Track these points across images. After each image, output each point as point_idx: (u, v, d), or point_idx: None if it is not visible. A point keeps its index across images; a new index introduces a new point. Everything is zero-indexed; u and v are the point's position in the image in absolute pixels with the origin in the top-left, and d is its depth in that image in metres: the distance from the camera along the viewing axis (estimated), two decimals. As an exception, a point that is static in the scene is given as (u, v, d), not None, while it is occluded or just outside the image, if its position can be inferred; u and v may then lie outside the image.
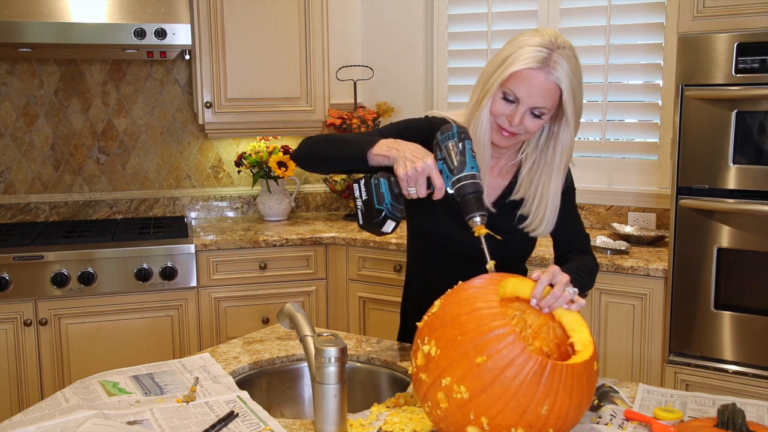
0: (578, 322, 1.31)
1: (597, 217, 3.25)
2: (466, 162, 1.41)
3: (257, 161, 3.45)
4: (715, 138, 2.41)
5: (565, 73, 1.54)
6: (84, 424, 1.35)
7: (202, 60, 3.24)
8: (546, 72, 1.53)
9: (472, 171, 1.41)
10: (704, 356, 2.51)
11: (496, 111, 1.59)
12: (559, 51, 1.53)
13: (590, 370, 1.22)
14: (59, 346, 2.91)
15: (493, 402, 1.15)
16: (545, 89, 1.54)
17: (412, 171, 1.42)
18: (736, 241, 2.42)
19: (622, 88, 3.19)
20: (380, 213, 1.46)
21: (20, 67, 3.37)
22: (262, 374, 1.72)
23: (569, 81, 1.55)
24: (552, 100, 1.56)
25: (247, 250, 3.12)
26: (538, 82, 1.54)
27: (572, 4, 3.23)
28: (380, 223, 1.47)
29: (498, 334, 1.17)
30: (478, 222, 1.41)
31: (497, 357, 1.15)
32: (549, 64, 1.53)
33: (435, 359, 1.21)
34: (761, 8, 2.33)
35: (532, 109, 1.57)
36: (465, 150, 1.42)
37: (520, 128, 1.59)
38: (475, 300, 1.24)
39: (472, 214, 1.41)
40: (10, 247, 2.89)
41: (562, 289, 1.32)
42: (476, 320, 1.20)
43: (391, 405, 1.47)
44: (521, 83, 1.54)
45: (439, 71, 3.60)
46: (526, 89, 1.54)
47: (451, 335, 1.21)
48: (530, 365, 1.15)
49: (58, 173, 3.47)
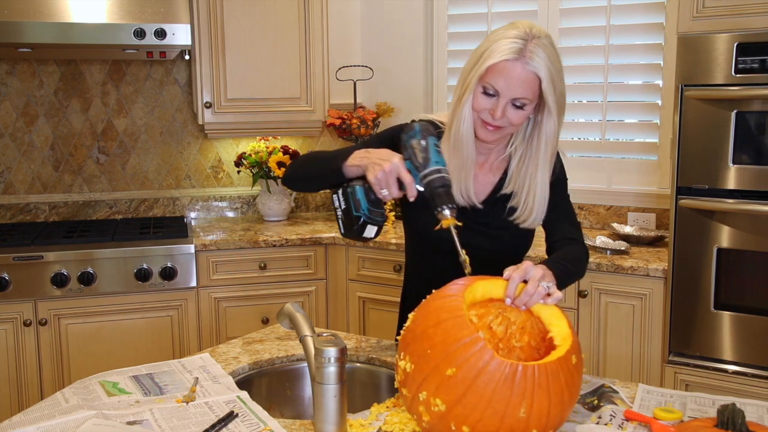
0: (556, 315, 1.31)
1: (597, 217, 3.26)
2: (430, 158, 1.44)
3: (257, 161, 3.45)
4: (715, 138, 2.41)
5: (543, 62, 1.54)
6: (84, 425, 1.35)
7: (201, 60, 3.24)
8: (523, 62, 1.54)
9: (437, 166, 1.43)
10: (704, 356, 2.51)
11: (478, 106, 1.60)
12: (534, 41, 1.54)
13: (567, 364, 1.20)
14: (59, 347, 2.91)
15: (470, 411, 1.15)
16: (523, 80, 1.55)
17: (381, 173, 1.45)
18: (736, 241, 2.42)
19: (621, 88, 3.19)
20: (359, 219, 1.49)
21: (20, 67, 3.37)
22: (261, 374, 1.72)
23: (547, 70, 1.55)
24: (532, 90, 1.57)
25: (247, 250, 3.12)
26: (516, 74, 1.54)
27: (572, 4, 3.23)
28: (360, 229, 1.50)
29: (464, 344, 1.17)
30: (447, 215, 1.42)
31: (466, 367, 1.15)
32: (525, 55, 1.53)
33: (411, 374, 1.22)
34: (761, 8, 2.33)
35: (513, 101, 1.57)
36: (428, 146, 1.45)
37: (503, 121, 1.60)
38: (440, 311, 1.24)
39: (440, 207, 1.42)
40: (10, 247, 2.89)
41: (536, 285, 1.32)
42: (443, 332, 1.20)
43: (391, 405, 1.47)
44: (499, 76, 1.55)
45: (439, 71, 3.60)
46: (505, 81, 1.55)
47: (421, 349, 1.21)
48: (500, 371, 1.14)
49: (57, 173, 3.47)
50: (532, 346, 1.31)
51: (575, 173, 3.30)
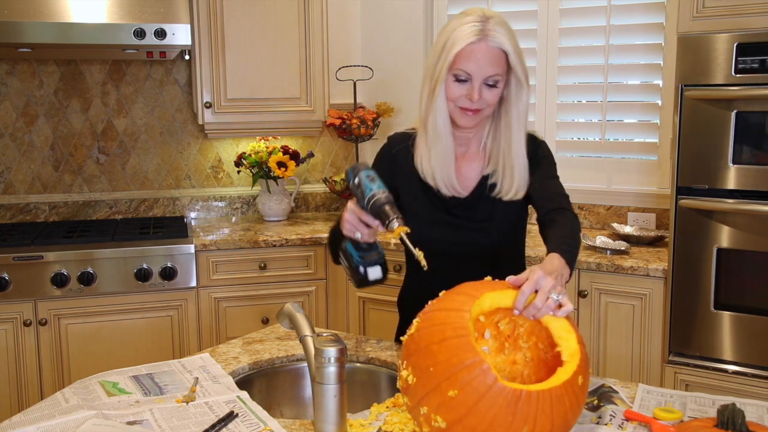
0: (565, 328, 1.26)
1: (597, 217, 3.26)
2: (365, 189, 1.52)
3: (257, 161, 3.45)
4: (715, 138, 2.41)
5: (504, 37, 1.61)
6: (84, 425, 1.35)
7: (201, 60, 3.24)
8: (486, 41, 1.60)
9: (372, 192, 1.51)
10: (704, 356, 2.51)
11: (454, 95, 1.64)
12: (491, 20, 1.61)
13: (573, 387, 1.17)
14: (59, 347, 2.91)
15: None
16: (491, 57, 1.61)
17: (347, 223, 1.55)
18: (735, 241, 2.42)
19: (621, 88, 3.19)
20: (358, 268, 1.60)
21: (20, 67, 3.37)
22: (261, 374, 1.72)
23: (510, 43, 1.62)
24: (501, 66, 1.63)
25: (247, 250, 3.12)
26: (483, 53, 1.60)
27: (572, 4, 3.23)
28: (364, 275, 1.61)
29: (467, 366, 1.14)
30: (396, 225, 1.46)
31: (468, 390, 1.13)
32: (487, 34, 1.60)
33: (413, 387, 1.21)
34: (761, 8, 2.33)
35: (486, 81, 1.62)
36: (361, 181, 1.53)
37: (481, 103, 1.64)
38: (445, 327, 1.21)
39: (387, 221, 1.48)
40: (10, 247, 2.89)
41: (545, 298, 1.26)
42: (446, 351, 1.18)
43: (391, 405, 1.47)
44: (469, 59, 1.61)
45: (438, 71, 3.59)
46: (475, 63, 1.60)
47: (424, 365, 1.19)
48: (503, 396, 1.12)
49: (57, 173, 3.47)
50: (539, 347, 1.29)
51: (575, 173, 3.31)
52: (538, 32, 3.29)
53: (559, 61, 3.26)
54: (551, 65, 3.26)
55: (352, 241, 1.60)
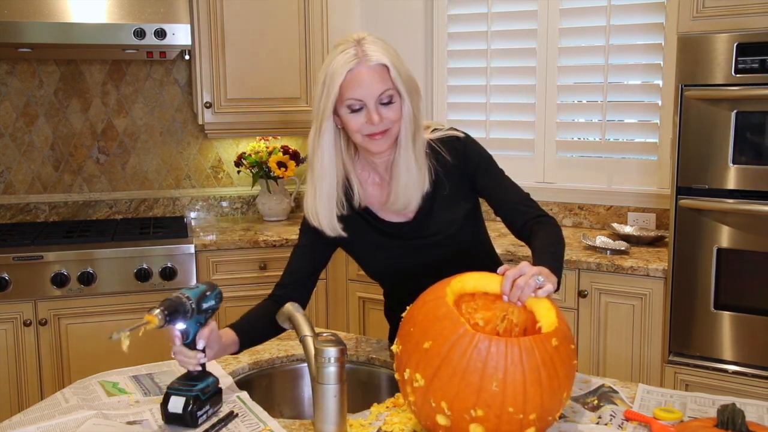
0: (547, 307, 1.32)
1: (597, 217, 3.25)
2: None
3: (257, 161, 3.45)
4: (715, 138, 2.41)
5: (380, 52, 1.56)
6: (83, 424, 1.35)
7: (201, 60, 3.24)
8: (364, 62, 1.55)
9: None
10: (704, 356, 2.51)
11: (356, 126, 1.59)
12: (363, 41, 1.57)
13: (545, 344, 1.20)
14: (59, 346, 2.91)
15: (445, 385, 1.17)
16: (374, 75, 1.56)
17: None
18: (735, 241, 2.42)
19: (621, 88, 3.19)
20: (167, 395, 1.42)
21: (20, 67, 3.37)
22: (261, 374, 1.72)
23: (387, 57, 1.57)
24: (388, 81, 1.57)
25: (247, 250, 3.12)
26: (365, 75, 1.55)
27: (572, 4, 3.23)
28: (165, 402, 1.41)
29: (439, 317, 1.22)
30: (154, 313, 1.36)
31: (440, 339, 1.19)
32: (362, 55, 1.55)
33: (399, 356, 1.27)
34: (761, 8, 2.33)
35: (380, 100, 1.57)
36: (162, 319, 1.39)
37: (385, 123, 1.58)
38: (426, 295, 1.31)
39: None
40: (10, 247, 2.89)
41: (527, 279, 1.33)
42: (424, 312, 1.26)
43: (391, 405, 1.47)
44: (353, 86, 1.55)
45: (439, 71, 3.60)
46: (360, 87, 1.55)
47: (406, 330, 1.27)
48: (472, 342, 1.18)
49: (57, 173, 3.47)
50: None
51: (575, 173, 3.31)
52: (538, 32, 3.29)
53: (559, 61, 3.26)
54: (551, 65, 3.26)
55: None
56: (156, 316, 1.34)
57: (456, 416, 1.18)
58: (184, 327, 1.41)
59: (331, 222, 1.69)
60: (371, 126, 1.58)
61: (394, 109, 1.59)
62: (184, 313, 1.39)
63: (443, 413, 1.18)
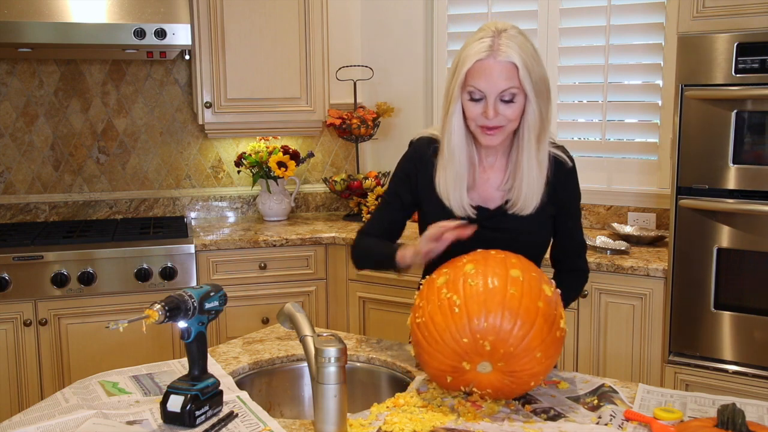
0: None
1: (597, 217, 3.25)
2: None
3: (257, 161, 3.45)
4: (715, 138, 2.41)
5: (514, 50, 1.57)
6: (83, 424, 1.35)
7: (201, 60, 3.24)
8: (495, 56, 1.57)
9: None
10: (704, 356, 2.51)
11: (471, 114, 1.63)
12: (502, 35, 1.58)
13: (506, 264, 1.49)
14: (59, 346, 2.91)
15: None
16: (501, 71, 1.57)
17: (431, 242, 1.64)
18: (736, 241, 2.42)
19: (621, 88, 3.19)
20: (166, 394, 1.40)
21: (20, 67, 3.37)
22: (261, 374, 1.72)
23: (520, 56, 1.57)
24: (515, 80, 1.58)
25: (247, 250, 3.12)
26: (493, 69, 1.57)
27: (572, 4, 3.23)
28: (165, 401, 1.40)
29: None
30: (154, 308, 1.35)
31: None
32: (495, 49, 1.57)
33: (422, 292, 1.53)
34: (761, 8, 2.33)
35: (501, 96, 1.59)
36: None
37: (499, 119, 1.61)
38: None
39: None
40: (10, 247, 2.89)
41: None
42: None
43: (391, 405, 1.47)
44: (479, 77, 1.58)
45: (439, 71, 3.60)
46: (485, 79, 1.58)
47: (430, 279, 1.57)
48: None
49: (58, 173, 3.47)
50: None
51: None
52: (538, 32, 3.29)
53: (560, 61, 3.26)
54: (551, 65, 3.26)
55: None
56: (156, 311, 1.34)
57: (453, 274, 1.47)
58: (186, 325, 1.41)
59: (461, 202, 1.71)
60: (485, 119, 1.61)
61: (514, 108, 1.61)
62: (185, 311, 1.39)
63: (444, 275, 1.48)
